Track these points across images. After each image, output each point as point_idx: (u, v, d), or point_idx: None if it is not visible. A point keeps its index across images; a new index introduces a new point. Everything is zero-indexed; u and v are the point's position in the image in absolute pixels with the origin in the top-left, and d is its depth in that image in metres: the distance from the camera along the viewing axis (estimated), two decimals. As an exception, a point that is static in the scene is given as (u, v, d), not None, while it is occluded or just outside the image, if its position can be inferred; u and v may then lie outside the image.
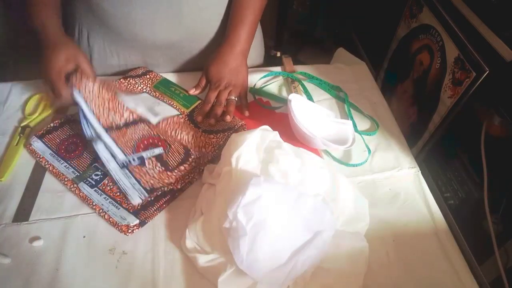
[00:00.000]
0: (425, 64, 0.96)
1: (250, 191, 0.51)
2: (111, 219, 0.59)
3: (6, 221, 0.60)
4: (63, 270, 0.55)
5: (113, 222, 0.59)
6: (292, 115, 0.70)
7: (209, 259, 0.54)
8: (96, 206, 0.61)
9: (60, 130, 0.71)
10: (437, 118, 0.89)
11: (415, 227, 0.63)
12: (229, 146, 0.62)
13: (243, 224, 0.50)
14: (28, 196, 0.63)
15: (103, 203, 0.61)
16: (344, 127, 0.73)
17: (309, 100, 0.80)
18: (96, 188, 0.63)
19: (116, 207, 0.61)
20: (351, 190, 0.62)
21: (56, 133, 0.70)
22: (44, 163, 0.66)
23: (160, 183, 0.62)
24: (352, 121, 0.78)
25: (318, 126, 0.73)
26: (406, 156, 0.74)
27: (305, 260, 0.51)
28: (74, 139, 0.69)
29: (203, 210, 0.59)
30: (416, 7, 1.00)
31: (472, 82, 0.76)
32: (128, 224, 0.58)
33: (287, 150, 0.61)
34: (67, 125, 0.72)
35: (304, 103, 0.75)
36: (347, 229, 0.59)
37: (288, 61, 0.91)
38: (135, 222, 0.59)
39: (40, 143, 0.68)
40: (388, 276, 0.57)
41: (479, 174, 0.74)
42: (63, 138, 0.70)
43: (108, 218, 0.59)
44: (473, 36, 0.77)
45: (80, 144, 0.69)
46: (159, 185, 0.62)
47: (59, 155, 0.67)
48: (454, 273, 0.58)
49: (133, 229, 0.58)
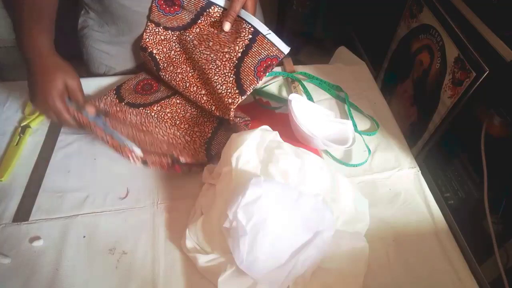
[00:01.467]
0: (425, 64, 0.96)
1: (250, 191, 0.51)
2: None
3: (6, 221, 0.60)
4: (63, 270, 0.55)
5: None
6: (293, 115, 0.70)
7: (209, 259, 0.54)
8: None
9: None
10: (437, 118, 0.89)
11: (415, 227, 0.63)
12: (229, 146, 0.62)
13: (243, 224, 0.50)
14: (28, 196, 0.63)
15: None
16: (344, 127, 0.73)
17: (309, 100, 0.80)
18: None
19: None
20: (351, 190, 0.62)
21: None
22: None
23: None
24: (352, 121, 0.78)
25: (318, 126, 0.73)
26: (406, 156, 0.74)
27: (305, 260, 0.51)
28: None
29: (203, 210, 0.59)
30: (416, 7, 1.00)
31: (472, 82, 0.76)
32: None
33: (287, 150, 0.61)
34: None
35: (304, 103, 0.75)
36: (347, 229, 0.59)
37: (288, 61, 0.91)
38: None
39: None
40: (388, 276, 0.57)
41: (479, 174, 0.74)
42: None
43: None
44: (473, 36, 0.77)
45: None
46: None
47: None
48: (454, 273, 0.58)
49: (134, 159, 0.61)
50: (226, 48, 0.70)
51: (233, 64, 0.69)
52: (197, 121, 0.73)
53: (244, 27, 0.70)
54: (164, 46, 0.77)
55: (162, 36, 0.77)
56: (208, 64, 0.70)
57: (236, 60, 0.69)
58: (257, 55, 0.68)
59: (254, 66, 0.68)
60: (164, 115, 0.73)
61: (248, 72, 0.68)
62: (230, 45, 0.70)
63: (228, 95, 0.68)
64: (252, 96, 0.82)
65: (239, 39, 0.69)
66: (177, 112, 0.74)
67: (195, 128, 0.72)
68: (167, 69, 0.75)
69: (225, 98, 0.68)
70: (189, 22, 0.76)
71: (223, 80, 0.69)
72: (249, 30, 0.70)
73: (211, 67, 0.70)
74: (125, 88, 0.78)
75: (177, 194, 0.65)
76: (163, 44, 0.77)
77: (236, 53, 0.69)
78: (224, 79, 0.69)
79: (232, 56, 0.69)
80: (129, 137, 0.65)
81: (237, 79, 0.68)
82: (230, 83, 0.68)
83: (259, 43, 0.69)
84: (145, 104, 0.74)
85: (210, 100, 0.71)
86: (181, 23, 0.76)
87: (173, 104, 0.75)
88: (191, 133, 0.71)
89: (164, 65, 0.76)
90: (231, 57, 0.69)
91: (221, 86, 0.69)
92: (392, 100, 1.14)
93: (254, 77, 0.67)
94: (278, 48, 0.68)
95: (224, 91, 0.68)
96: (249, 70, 0.68)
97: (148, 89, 0.79)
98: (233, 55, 0.69)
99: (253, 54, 0.68)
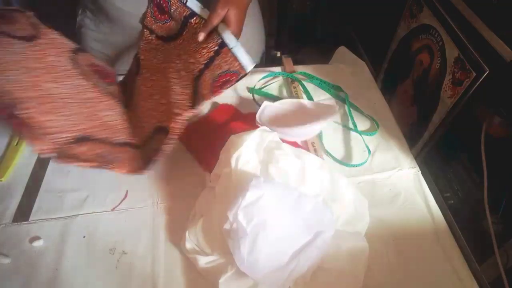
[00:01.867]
0: (425, 64, 0.96)
1: (250, 192, 0.51)
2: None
3: (6, 221, 0.60)
4: (63, 270, 0.55)
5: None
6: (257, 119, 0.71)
7: (209, 260, 0.54)
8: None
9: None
10: (437, 118, 0.89)
11: (415, 227, 0.63)
12: (228, 147, 0.62)
13: (243, 225, 0.50)
14: (28, 196, 0.63)
15: None
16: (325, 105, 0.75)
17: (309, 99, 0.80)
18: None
19: None
20: (351, 190, 0.62)
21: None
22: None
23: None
24: (352, 121, 0.78)
25: (297, 118, 0.74)
26: (406, 156, 0.74)
27: (306, 260, 0.51)
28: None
29: (202, 212, 0.59)
30: (416, 7, 1.00)
31: (472, 82, 0.76)
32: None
33: (287, 151, 0.61)
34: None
35: (274, 106, 0.75)
36: (347, 229, 0.59)
37: (288, 61, 0.91)
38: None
39: None
40: (388, 276, 0.57)
41: (479, 174, 0.74)
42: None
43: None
44: (473, 36, 0.77)
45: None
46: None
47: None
48: (454, 273, 0.58)
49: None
50: (193, 59, 0.66)
51: (193, 76, 0.65)
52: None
53: (214, 38, 0.65)
54: (151, 53, 0.75)
55: (153, 46, 0.75)
56: (174, 74, 0.67)
57: (197, 72, 0.64)
58: (218, 68, 0.63)
59: (213, 80, 0.63)
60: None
61: (205, 86, 0.63)
62: (197, 55, 0.66)
63: (178, 106, 0.63)
64: (252, 97, 0.82)
65: (206, 50, 0.65)
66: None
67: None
68: (144, 75, 0.73)
69: (174, 108, 0.63)
70: (176, 33, 0.73)
71: (181, 91, 0.65)
72: (217, 41, 0.64)
73: (175, 76, 0.67)
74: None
75: (177, 194, 0.65)
76: (151, 52, 0.75)
77: (199, 65, 0.65)
78: (182, 90, 0.65)
79: (196, 67, 0.65)
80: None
81: (194, 92, 0.63)
82: (186, 95, 0.64)
83: (222, 56, 0.63)
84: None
85: (167, 110, 0.67)
86: (169, 34, 0.74)
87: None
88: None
89: (143, 71, 0.74)
90: (194, 68, 0.65)
91: (177, 96, 0.65)
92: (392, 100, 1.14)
93: (209, 92, 0.62)
94: (241, 64, 0.62)
95: (178, 101, 0.64)
96: (206, 84, 0.63)
97: (105, 77, 0.74)
98: (197, 66, 0.65)
99: (214, 68, 0.64)
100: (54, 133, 0.59)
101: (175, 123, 0.61)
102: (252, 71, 0.87)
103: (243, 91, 0.84)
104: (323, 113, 0.76)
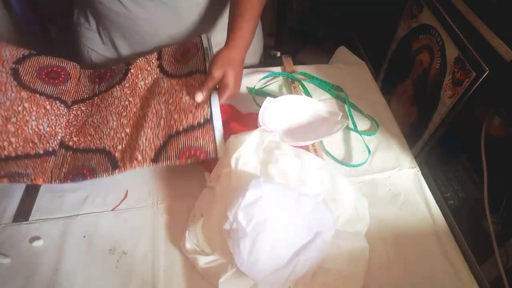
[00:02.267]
0: (425, 64, 0.96)
1: (250, 192, 0.51)
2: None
3: (6, 221, 0.60)
4: (63, 270, 0.55)
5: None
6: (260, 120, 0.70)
7: (209, 260, 0.54)
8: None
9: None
10: (437, 118, 0.89)
11: (415, 227, 0.63)
12: (227, 147, 0.62)
13: (243, 225, 0.50)
14: (28, 196, 0.63)
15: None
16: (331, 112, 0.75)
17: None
18: None
19: None
20: (351, 190, 0.62)
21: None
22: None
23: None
24: (352, 121, 0.78)
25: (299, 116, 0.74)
26: (406, 156, 0.74)
27: (306, 261, 0.51)
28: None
29: (202, 212, 0.59)
30: (416, 7, 1.00)
31: (472, 82, 0.76)
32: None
33: (287, 151, 0.61)
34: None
35: (276, 105, 0.75)
36: (347, 229, 0.59)
37: (288, 61, 0.91)
38: None
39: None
40: (388, 276, 0.57)
41: (479, 174, 0.74)
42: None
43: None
44: (473, 36, 0.77)
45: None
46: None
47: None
48: (454, 273, 0.58)
49: None
50: (177, 115, 0.65)
51: (169, 133, 0.63)
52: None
53: (204, 108, 0.65)
54: (143, 74, 0.74)
55: (150, 68, 0.75)
56: (152, 116, 0.66)
57: (174, 132, 0.63)
58: (194, 139, 0.62)
59: (183, 146, 0.61)
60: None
61: (174, 147, 0.62)
62: (182, 115, 0.65)
63: (142, 152, 0.61)
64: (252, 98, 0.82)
65: (192, 116, 0.65)
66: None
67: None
68: (124, 89, 0.73)
69: (137, 152, 0.61)
70: (179, 75, 0.73)
71: (151, 139, 0.63)
72: (205, 115, 0.65)
73: (153, 120, 0.66)
74: (26, 70, 0.71)
75: (177, 194, 0.65)
76: (143, 73, 0.74)
77: (180, 127, 0.64)
78: (152, 138, 0.63)
79: (176, 127, 0.64)
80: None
81: (162, 147, 0.62)
82: (154, 146, 0.62)
83: (204, 131, 0.63)
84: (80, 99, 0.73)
85: (125, 141, 0.65)
86: (173, 73, 0.74)
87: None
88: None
89: (126, 84, 0.73)
90: (173, 126, 0.64)
91: (145, 141, 0.63)
92: (392, 100, 1.14)
93: (175, 156, 0.60)
94: (214, 148, 0.62)
95: (143, 146, 0.62)
96: (176, 149, 0.61)
97: (55, 77, 0.74)
98: (177, 125, 0.64)
99: (190, 137, 0.62)
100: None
101: (129, 164, 0.61)
102: (252, 71, 0.88)
103: (243, 91, 0.84)
104: (326, 114, 0.75)
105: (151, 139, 0.63)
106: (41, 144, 0.65)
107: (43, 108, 0.69)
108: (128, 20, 0.76)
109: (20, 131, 0.64)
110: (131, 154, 0.62)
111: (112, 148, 0.65)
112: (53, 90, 0.72)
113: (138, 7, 0.74)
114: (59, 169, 0.63)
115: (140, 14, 0.75)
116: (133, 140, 0.65)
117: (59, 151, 0.66)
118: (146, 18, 0.76)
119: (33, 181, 0.60)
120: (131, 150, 0.63)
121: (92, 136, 0.67)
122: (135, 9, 0.74)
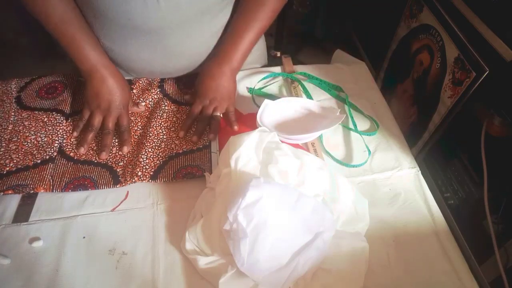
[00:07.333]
0: (425, 64, 0.96)
1: (250, 192, 0.51)
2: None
3: (6, 221, 0.60)
4: (63, 270, 0.55)
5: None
6: (258, 120, 0.71)
7: (209, 260, 0.54)
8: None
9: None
10: (437, 118, 0.89)
11: (415, 227, 0.63)
12: (227, 147, 0.62)
13: (243, 226, 0.50)
14: (28, 196, 0.63)
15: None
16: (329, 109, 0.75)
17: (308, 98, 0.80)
18: None
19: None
20: (351, 190, 0.62)
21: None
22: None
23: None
24: (352, 121, 0.78)
25: (299, 117, 0.75)
26: (406, 156, 0.74)
27: (306, 261, 0.51)
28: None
29: (202, 213, 0.59)
30: (416, 7, 1.00)
31: (472, 82, 0.76)
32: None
33: (286, 151, 0.61)
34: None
35: (275, 105, 0.75)
36: (347, 229, 0.59)
37: (288, 61, 0.91)
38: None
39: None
40: (388, 276, 0.57)
41: (479, 174, 0.74)
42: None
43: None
44: (473, 36, 0.77)
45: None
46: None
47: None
48: (454, 273, 0.58)
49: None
50: (177, 141, 0.71)
51: (169, 155, 0.69)
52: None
53: (203, 138, 0.72)
54: (144, 94, 0.79)
55: (153, 90, 0.79)
56: (154, 137, 0.71)
57: (173, 154, 0.69)
58: (191, 160, 0.68)
59: (181, 166, 0.67)
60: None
61: (172, 167, 0.67)
62: (182, 141, 0.71)
63: (142, 169, 0.66)
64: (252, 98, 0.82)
65: (191, 143, 0.71)
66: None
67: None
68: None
69: (137, 168, 0.65)
70: (184, 102, 0.79)
71: (152, 158, 0.68)
72: (205, 141, 0.71)
73: (155, 141, 0.70)
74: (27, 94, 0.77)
75: (177, 195, 0.65)
76: (145, 93, 0.79)
77: (179, 149, 0.70)
78: (153, 158, 0.68)
79: (176, 149, 0.70)
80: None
81: (161, 166, 0.67)
82: (154, 164, 0.67)
83: (202, 153, 0.69)
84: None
85: (127, 158, 0.69)
86: (176, 97, 0.80)
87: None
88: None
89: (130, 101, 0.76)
90: (173, 149, 0.70)
91: (145, 159, 0.67)
92: (392, 100, 1.14)
93: (172, 174, 0.65)
94: (209, 168, 0.67)
95: (143, 164, 0.66)
96: (175, 167, 0.67)
97: (53, 92, 0.78)
98: (177, 149, 0.70)
99: (188, 158, 0.68)
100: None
101: (130, 179, 0.64)
102: (252, 71, 0.87)
103: (243, 91, 0.84)
104: (324, 112, 0.76)
105: (152, 158, 0.68)
106: (39, 154, 0.67)
107: (41, 122, 0.72)
108: (121, 56, 0.77)
109: (20, 147, 0.68)
110: (132, 170, 0.65)
111: (114, 164, 0.68)
112: (50, 104, 0.76)
113: (126, 45, 0.73)
114: (60, 178, 0.64)
115: (129, 52, 0.74)
116: (134, 157, 0.68)
117: (59, 160, 0.67)
118: (137, 55, 0.75)
119: (35, 190, 0.62)
120: (132, 166, 0.66)
121: (95, 151, 0.70)
122: (123, 46, 0.74)
